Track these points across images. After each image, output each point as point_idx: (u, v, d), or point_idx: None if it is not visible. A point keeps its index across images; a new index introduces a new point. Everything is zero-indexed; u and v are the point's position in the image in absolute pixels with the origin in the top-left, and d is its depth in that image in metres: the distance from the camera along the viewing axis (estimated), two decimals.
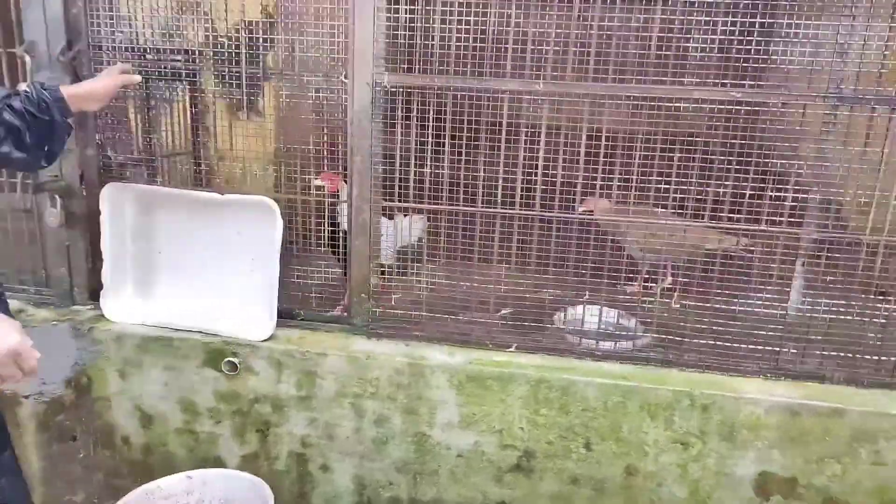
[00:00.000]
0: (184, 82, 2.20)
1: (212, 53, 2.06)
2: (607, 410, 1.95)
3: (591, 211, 2.22)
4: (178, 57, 2.10)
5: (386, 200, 2.06)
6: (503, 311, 2.12)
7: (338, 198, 2.16)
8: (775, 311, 1.97)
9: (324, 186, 2.16)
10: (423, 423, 2.05)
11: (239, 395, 2.11)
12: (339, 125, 2.07)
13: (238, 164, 2.16)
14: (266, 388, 2.09)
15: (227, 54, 2.04)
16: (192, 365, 2.11)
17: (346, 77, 2.00)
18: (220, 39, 2.04)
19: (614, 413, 1.95)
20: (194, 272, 2.16)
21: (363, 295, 2.12)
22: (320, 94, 2.06)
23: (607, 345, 2.09)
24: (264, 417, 2.12)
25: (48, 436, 2.23)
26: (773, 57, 1.81)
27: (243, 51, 2.01)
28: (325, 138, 2.09)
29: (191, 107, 2.29)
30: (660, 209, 2.08)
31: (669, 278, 2.40)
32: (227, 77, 2.05)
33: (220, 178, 2.19)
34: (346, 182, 2.11)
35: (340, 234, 2.17)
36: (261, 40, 2.04)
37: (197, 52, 2.09)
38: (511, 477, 2.05)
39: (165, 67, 2.11)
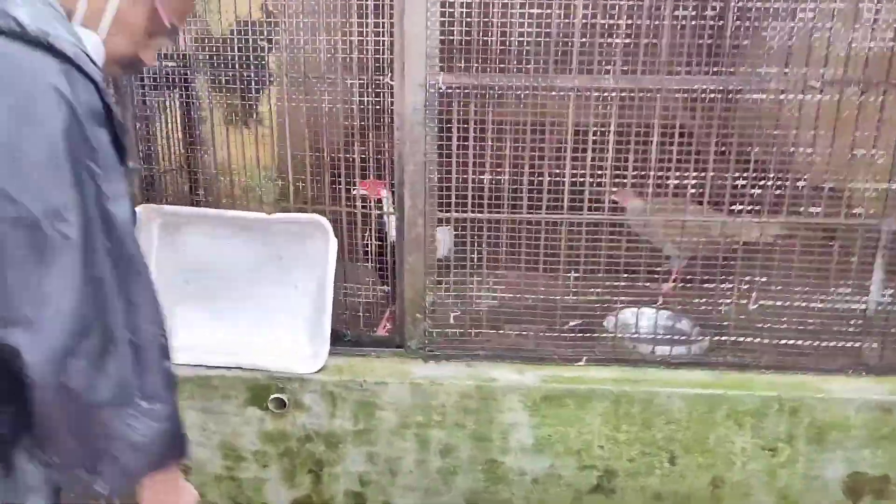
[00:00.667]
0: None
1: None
2: (692, 421, 1.85)
3: (622, 205, 2.14)
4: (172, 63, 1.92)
5: (441, 211, 1.89)
6: (572, 324, 1.99)
7: (381, 206, 1.99)
8: (855, 306, 1.91)
9: (367, 196, 1.98)
10: (494, 449, 1.90)
11: (287, 435, 1.91)
12: (383, 131, 1.90)
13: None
14: (319, 424, 1.89)
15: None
16: (234, 405, 1.89)
17: (392, 78, 1.82)
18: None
19: (700, 424, 1.85)
20: (230, 301, 1.94)
21: (418, 315, 1.95)
22: (364, 99, 1.89)
23: (680, 350, 1.98)
24: (317, 456, 1.92)
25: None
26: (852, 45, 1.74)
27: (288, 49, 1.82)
28: (371, 145, 1.91)
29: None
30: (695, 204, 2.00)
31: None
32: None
33: (263, 192, 1.98)
34: (390, 190, 1.94)
35: (388, 248, 2.00)
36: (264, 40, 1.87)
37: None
38: (590, 499, 1.92)
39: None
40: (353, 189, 1.97)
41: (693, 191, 1.89)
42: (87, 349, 0.82)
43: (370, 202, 1.98)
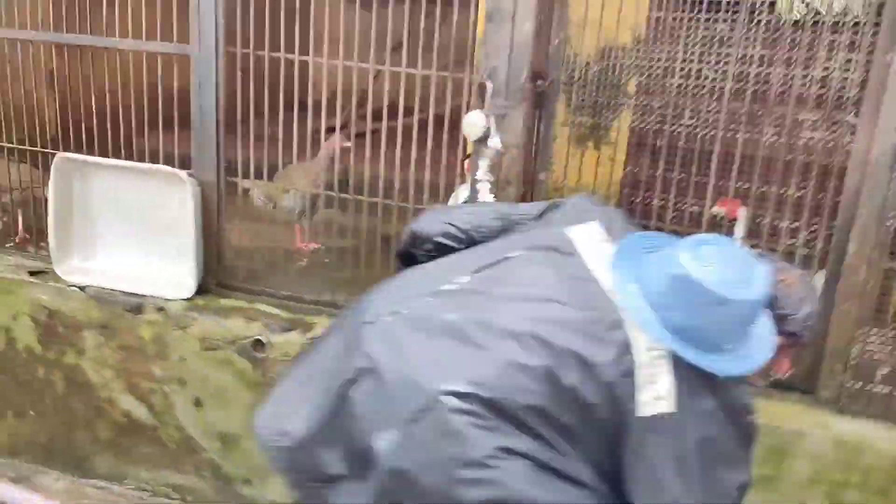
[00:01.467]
0: None
1: None
2: None
3: None
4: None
5: (889, 261, 1.77)
6: None
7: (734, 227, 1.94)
8: None
9: (723, 214, 1.95)
10: None
11: None
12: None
13: None
14: None
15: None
16: None
17: (856, 115, 1.74)
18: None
19: None
20: None
21: (839, 365, 1.84)
22: (814, 134, 1.82)
23: None
24: None
25: None
26: None
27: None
28: (813, 182, 1.84)
29: None
30: None
31: None
32: None
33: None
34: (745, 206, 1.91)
35: None
36: None
37: None
38: None
39: None
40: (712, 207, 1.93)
41: None
42: None
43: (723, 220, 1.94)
